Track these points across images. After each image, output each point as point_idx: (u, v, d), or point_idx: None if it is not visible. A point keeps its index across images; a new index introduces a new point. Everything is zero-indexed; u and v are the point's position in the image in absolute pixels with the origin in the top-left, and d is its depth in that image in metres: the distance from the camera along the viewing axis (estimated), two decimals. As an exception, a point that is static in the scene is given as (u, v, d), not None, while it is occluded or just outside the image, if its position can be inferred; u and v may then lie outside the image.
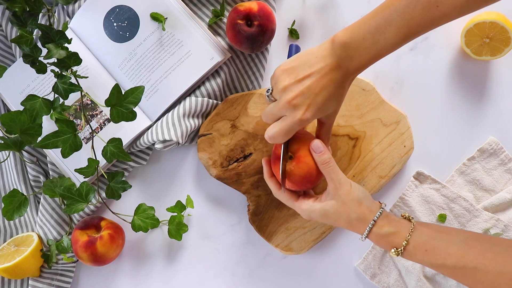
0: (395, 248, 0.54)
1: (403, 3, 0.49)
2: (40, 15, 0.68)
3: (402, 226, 0.55)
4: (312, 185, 0.59)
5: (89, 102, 0.69)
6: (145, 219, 0.66)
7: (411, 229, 0.54)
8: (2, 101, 0.72)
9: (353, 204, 0.55)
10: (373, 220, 0.55)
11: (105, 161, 0.65)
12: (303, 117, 0.53)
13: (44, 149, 0.71)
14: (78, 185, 0.68)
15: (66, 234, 0.70)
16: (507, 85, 0.70)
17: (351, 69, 0.52)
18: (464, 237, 0.53)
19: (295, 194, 0.60)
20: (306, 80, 0.52)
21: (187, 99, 0.68)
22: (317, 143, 0.57)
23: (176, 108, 0.67)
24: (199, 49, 0.68)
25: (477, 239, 0.52)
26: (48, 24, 0.66)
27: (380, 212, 0.55)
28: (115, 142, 0.62)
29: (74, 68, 0.67)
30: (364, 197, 0.56)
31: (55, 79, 0.63)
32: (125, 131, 0.68)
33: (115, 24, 0.68)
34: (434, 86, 0.70)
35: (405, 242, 0.53)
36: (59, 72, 0.60)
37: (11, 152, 0.69)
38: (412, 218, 0.56)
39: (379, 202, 0.58)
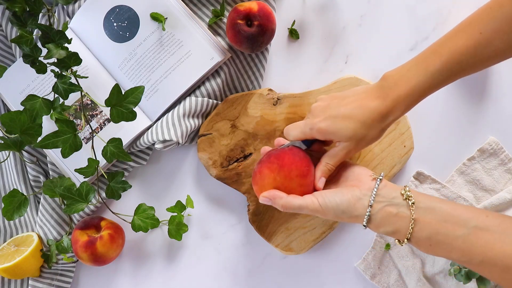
0: (398, 241, 0.51)
1: (449, 35, 0.50)
2: (40, 15, 0.68)
3: (401, 222, 0.50)
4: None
5: (89, 102, 0.69)
6: (145, 219, 0.66)
7: (411, 226, 0.49)
8: (2, 101, 0.72)
9: (334, 218, 0.52)
10: (364, 226, 0.51)
11: (105, 161, 0.65)
12: (316, 124, 0.53)
13: (44, 149, 0.71)
14: (78, 185, 0.68)
15: (66, 234, 0.70)
16: (507, 85, 0.70)
17: (390, 100, 0.50)
18: (472, 226, 0.48)
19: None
20: (340, 98, 0.54)
21: (187, 99, 0.68)
22: (262, 199, 0.54)
23: (176, 108, 0.67)
24: (199, 49, 0.68)
25: (487, 228, 0.47)
26: (48, 24, 0.66)
27: (367, 215, 0.50)
28: (115, 142, 0.62)
29: (74, 68, 0.67)
30: (341, 212, 0.51)
31: (55, 79, 0.62)
32: (125, 131, 0.68)
33: (115, 24, 0.68)
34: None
35: (407, 239, 0.50)
36: (59, 72, 0.60)
37: (11, 152, 0.69)
38: (412, 204, 0.50)
39: (372, 177, 0.53)
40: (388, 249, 0.69)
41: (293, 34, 0.71)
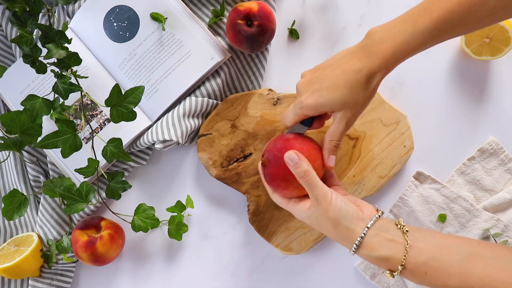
0: (390, 271, 0.49)
1: None
2: (40, 15, 0.68)
3: (396, 248, 0.48)
4: (285, 189, 0.54)
5: (89, 102, 0.69)
6: (145, 219, 0.66)
7: (405, 253, 0.47)
8: (2, 101, 0.72)
9: (329, 224, 0.50)
10: (355, 245, 0.49)
11: (105, 161, 0.65)
12: (303, 101, 0.51)
13: (44, 149, 0.71)
14: (78, 185, 0.68)
15: (66, 234, 0.70)
16: (507, 85, 0.70)
17: (374, 59, 0.48)
18: (466, 253, 0.47)
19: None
20: (322, 69, 0.52)
21: (187, 99, 0.68)
22: (290, 155, 0.51)
23: (176, 108, 0.67)
24: (199, 49, 0.68)
25: (480, 255, 0.46)
26: (48, 24, 0.66)
27: (363, 234, 0.48)
28: (115, 142, 0.62)
29: (74, 68, 0.67)
30: (343, 217, 0.49)
31: (55, 79, 0.63)
32: (125, 131, 0.68)
33: (115, 24, 0.68)
34: (434, 86, 0.70)
35: (401, 267, 0.47)
36: (59, 72, 0.60)
37: (11, 152, 0.69)
38: (406, 231, 0.49)
39: (375, 209, 0.52)
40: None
41: (293, 34, 0.71)
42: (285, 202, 0.55)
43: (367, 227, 0.49)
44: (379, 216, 0.50)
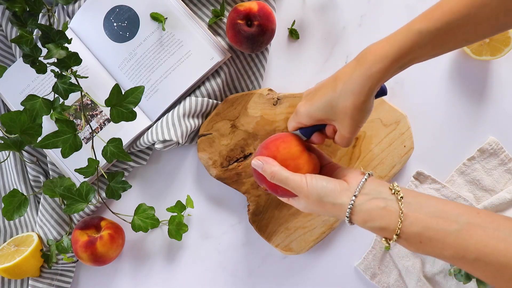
0: (385, 239, 0.48)
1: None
2: (40, 15, 0.68)
3: (390, 217, 0.47)
4: (274, 189, 0.54)
5: (89, 102, 0.69)
6: (145, 219, 0.66)
7: (400, 222, 0.46)
8: (2, 101, 0.72)
9: (316, 205, 0.51)
10: (346, 217, 0.48)
11: (105, 161, 0.65)
12: (298, 108, 0.54)
13: (44, 149, 0.71)
14: (78, 185, 0.68)
15: (66, 234, 0.70)
16: (507, 85, 0.70)
17: (365, 63, 0.46)
18: (464, 222, 0.45)
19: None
20: (324, 80, 0.53)
21: (187, 99, 0.68)
22: (254, 163, 0.53)
23: (176, 108, 0.67)
24: (199, 49, 0.68)
25: (479, 225, 0.44)
26: (48, 24, 0.66)
27: (351, 204, 0.48)
28: (115, 142, 0.62)
29: (74, 68, 0.67)
30: (324, 195, 0.49)
31: (55, 79, 0.63)
32: (125, 131, 0.68)
33: (115, 24, 0.68)
34: (434, 86, 0.70)
35: (396, 236, 0.46)
36: (59, 72, 0.60)
37: (11, 152, 0.69)
38: (401, 198, 0.47)
39: (361, 172, 0.51)
40: (388, 249, 0.69)
41: (293, 34, 0.71)
42: (286, 199, 0.57)
43: (354, 195, 0.48)
44: (366, 179, 0.49)
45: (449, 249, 0.45)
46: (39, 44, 0.66)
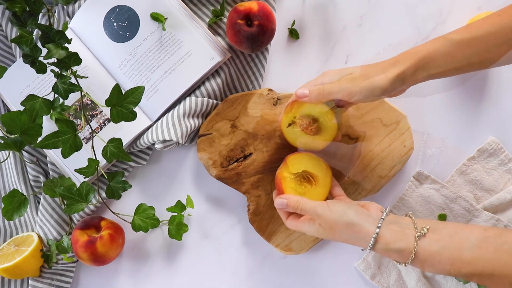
0: (402, 262, 0.51)
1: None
2: (40, 15, 0.68)
3: (408, 238, 0.50)
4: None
5: (89, 102, 0.69)
6: (145, 219, 0.66)
7: (417, 239, 0.50)
8: (2, 101, 0.72)
9: (340, 228, 0.53)
10: (373, 239, 0.51)
11: (105, 161, 0.65)
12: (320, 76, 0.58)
13: (44, 149, 0.71)
14: (78, 185, 0.68)
15: (66, 234, 0.70)
16: (507, 85, 0.70)
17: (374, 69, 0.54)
18: (477, 239, 0.49)
19: (287, 213, 0.60)
20: None
21: (187, 99, 0.68)
22: (277, 203, 0.59)
23: (176, 108, 0.67)
24: (199, 49, 0.68)
25: (490, 241, 0.48)
26: (48, 24, 0.66)
27: (376, 233, 0.51)
28: (115, 142, 0.62)
29: (74, 68, 0.67)
30: (350, 221, 0.52)
31: (55, 79, 0.62)
32: (125, 131, 0.68)
33: (115, 24, 0.68)
34: (434, 86, 0.70)
35: (412, 255, 0.49)
36: (59, 72, 0.60)
37: (11, 152, 0.69)
38: (416, 226, 0.51)
39: (378, 206, 0.55)
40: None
41: (293, 34, 0.71)
42: (299, 225, 0.58)
43: (382, 218, 0.52)
44: (387, 213, 0.53)
45: (467, 266, 0.48)
46: (39, 44, 0.66)
